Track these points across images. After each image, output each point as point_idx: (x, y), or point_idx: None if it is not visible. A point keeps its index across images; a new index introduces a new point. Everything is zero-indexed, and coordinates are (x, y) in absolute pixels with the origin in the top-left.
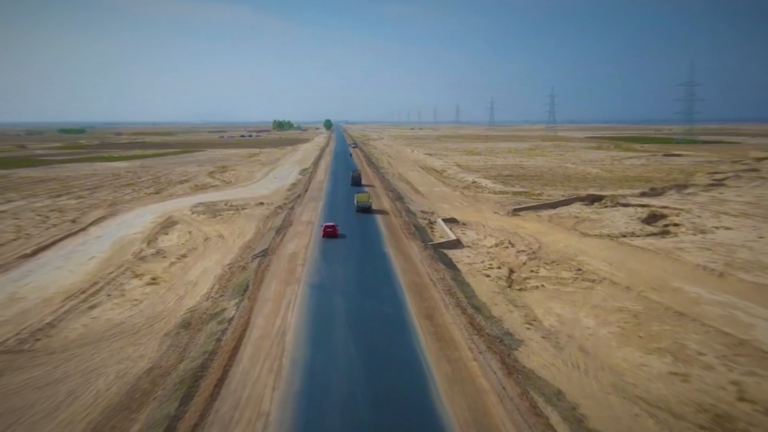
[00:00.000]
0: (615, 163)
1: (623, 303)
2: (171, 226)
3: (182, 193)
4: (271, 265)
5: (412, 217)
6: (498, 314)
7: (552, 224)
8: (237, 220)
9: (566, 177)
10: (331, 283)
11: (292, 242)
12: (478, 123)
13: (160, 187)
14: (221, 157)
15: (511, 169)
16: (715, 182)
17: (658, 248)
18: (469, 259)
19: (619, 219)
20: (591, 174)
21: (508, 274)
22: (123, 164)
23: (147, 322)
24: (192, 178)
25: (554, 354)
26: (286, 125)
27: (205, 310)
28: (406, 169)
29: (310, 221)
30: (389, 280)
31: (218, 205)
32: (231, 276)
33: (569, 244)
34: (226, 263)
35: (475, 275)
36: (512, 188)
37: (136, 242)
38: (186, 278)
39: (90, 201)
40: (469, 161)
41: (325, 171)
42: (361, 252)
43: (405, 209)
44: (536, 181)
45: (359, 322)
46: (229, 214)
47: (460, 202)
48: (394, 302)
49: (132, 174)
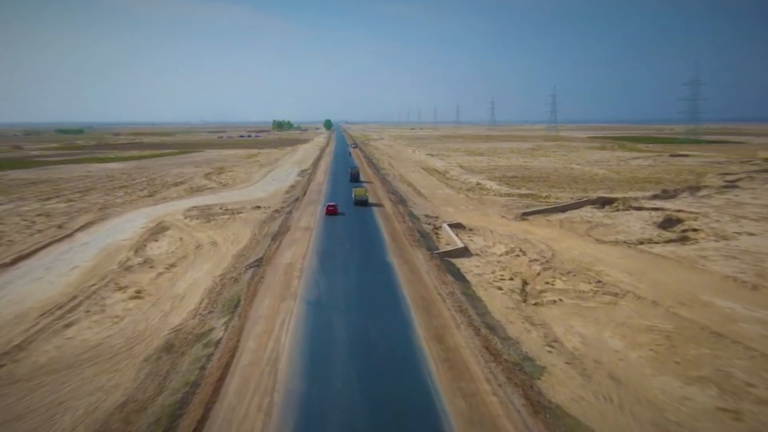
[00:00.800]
0: (621, 164)
1: (651, 321)
2: (162, 231)
3: (176, 196)
4: (266, 277)
5: (416, 222)
6: (515, 334)
7: (564, 230)
8: (232, 225)
9: (573, 178)
10: (329, 298)
11: (289, 250)
12: (478, 123)
13: (153, 189)
14: (219, 158)
15: (515, 170)
16: (728, 184)
17: (680, 257)
18: (479, 269)
19: (634, 224)
20: (598, 175)
21: (521, 287)
22: (118, 165)
23: (126, 344)
24: (188, 180)
25: (582, 384)
26: (286, 125)
27: (191, 329)
28: (408, 170)
29: (308, 227)
30: (394, 295)
31: (213, 209)
32: (222, 289)
33: (584, 251)
34: (218, 274)
35: (486, 288)
36: (518, 190)
37: (124, 250)
38: (173, 291)
39: (80, 204)
40: (471, 162)
41: (325, 172)
42: (362, 261)
43: (408, 213)
44: (542, 182)
45: (361, 346)
46: (224, 219)
47: (465, 206)
48: (399, 321)
49: (126, 176)
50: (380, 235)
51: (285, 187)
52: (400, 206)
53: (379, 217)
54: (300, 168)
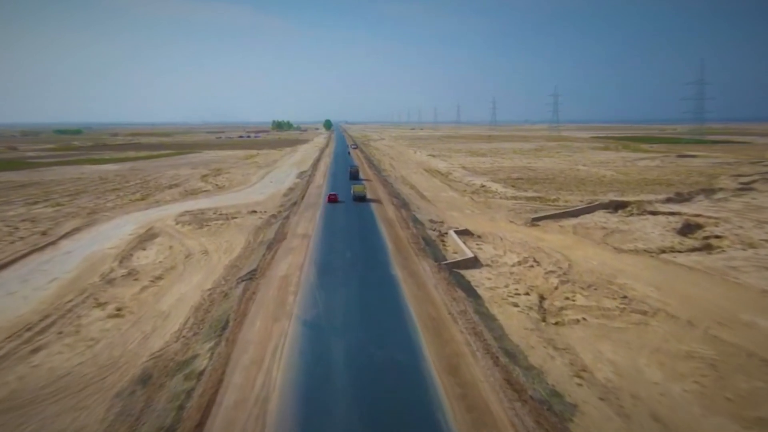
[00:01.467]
0: (628, 165)
1: (690, 345)
2: (151, 239)
3: (170, 200)
4: (258, 292)
5: (420, 228)
6: (538, 362)
7: (578, 236)
8: (225, 231)
9: (580, 180)
10: (328, 319)
11: (285, 261)
12: (478, 123)
13: (147, 192)
14: (217, 159)
15: (520, 172)
16: (743, 186)
17: (707, 267)
18: (491, 282)
19: (652, 230)
20: (606, 177)
21: (539, 303)
22: (113, 167)
23: (99, 373)
24: (183, 182)
25: (622, 427)
26: (286, 125)
27: (173, 355)
28: (410, 171)
29: (306, 234)
30: (400, 314)
31: (206, 214)
32: (210, 306)
33: (604, 261)
34: (207, 288)
35: (501, 304)
36: (525, 193)
37: (108, 260)
38: (157, 308)
39: (68, 209)
40: (474, 163)
41: (324, 174)
42: (364, 274)
43: (411, 218)
44: (549, 184)
45: (364, 382)
46: (218, 225)
47: (471, 209)
48: (407, 348)
49: (120, 178)
50: (383, 243)
51: (283, 190)
52: (403, 210)
53: (381, 223)
54: (299, 169)
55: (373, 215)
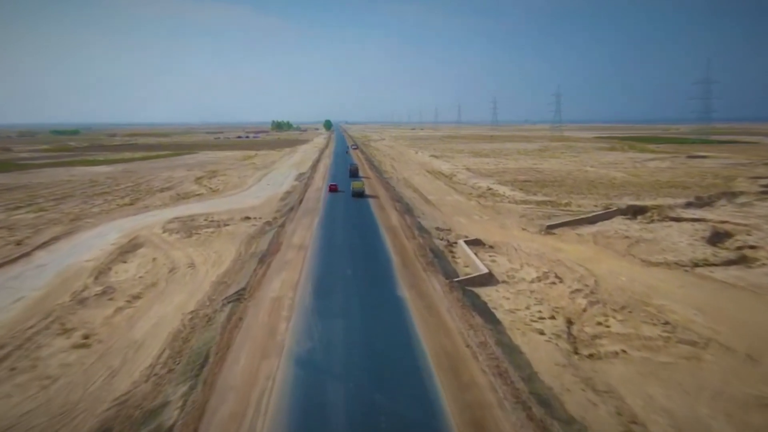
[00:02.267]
0: (638, 166)
1: (758, 388)
2: (133, 250)
3: (160, 204)
4: (246, 317)
5: (426, 238)
6: (578, 412)
7: (600, 247)
8: (215, 240)
9: (590, 183)
10: (325, 356)
11: (278, 278)
12: (479, 123)
13: (137, 196)
14: (213, 160)
15: (526, 174)
16: (766, 189)
17: (752, 285)
18: (510, 303)
19: (678, 239)
20: (617, 179)
21: (567, 329)
22: (105, 169)
23: (49, 426)
24: (176, 185)
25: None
26: (285, 126)
27: (140, 401)
28: (412, 173)
29: (303, 245)
30: (410, 349)
31: (197, 221)
32: (190, 334)
33: (633, 277)
34: (189, 310)
35: (525, 332)
36: (534, 197)
37: (84, 275)
38: (130, 336)
39: (51, 215)
40: (478, 164)
41: (323, 177)
42: (367, 295)
43: (416, 225)
44: (558, 187)
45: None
46: (208, 233)
47: (479, 215)
48: (421, 396)
49: (111, 180)
50: (387, 256)
51: (280, 194)
52: (407, 217)
53: (385, 231)
54: (297, 171)
55: (375, 222)
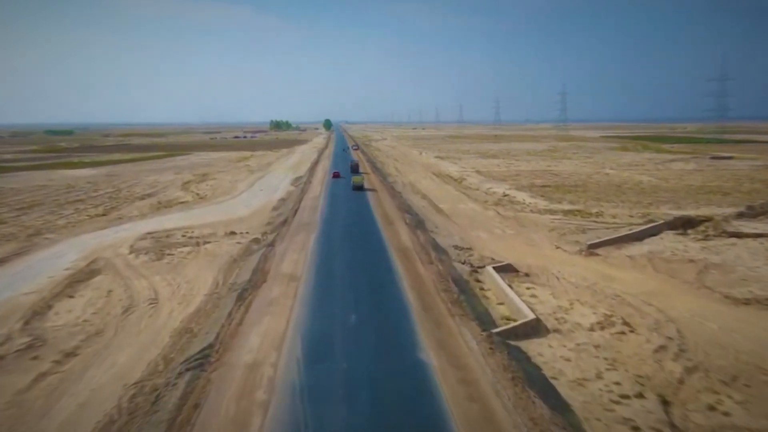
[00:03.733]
0: (661, 168)
1: None
2: (88, 278)
3: (137, 215)
4: (205, 403)
5: (445, 262)
6: None
7: (661, 274)
8: (190, 264)
9: (616, 188)
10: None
11: (258, 328)
12: (481, 122)
13: (113, 205)
14: (206, 162)
15: (542, 177)
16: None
17: None
18: (572, 368)
19: (752, 262)
20: (643, 183)
21: (666, 416)
22: (87, 172)
23: None
24: (160, 190)
25: None
26: (284, 125)
27: None
28: (418, 176)
29: (294, 275)
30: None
31: (173, 237)
32: (126, 425)
33: (726, 323)
34: (133, 380)
35: (609, 425)
36: (559, 205)
37: (14, 317)
38: (38, 428)
39: (7, 229)
40: (488, 166)
41: (322, 182)
42: (378, 361)
43: (431, 243)
44: (582, 193)
45: None
46: (183, 254)
47: (501, 228)
48: None
49: (90, 185)
50: (401, 294)
51: (273, 201)
52: (419, 232)
53: (395, 255)
54: (294, 175)
55: (382, 240)
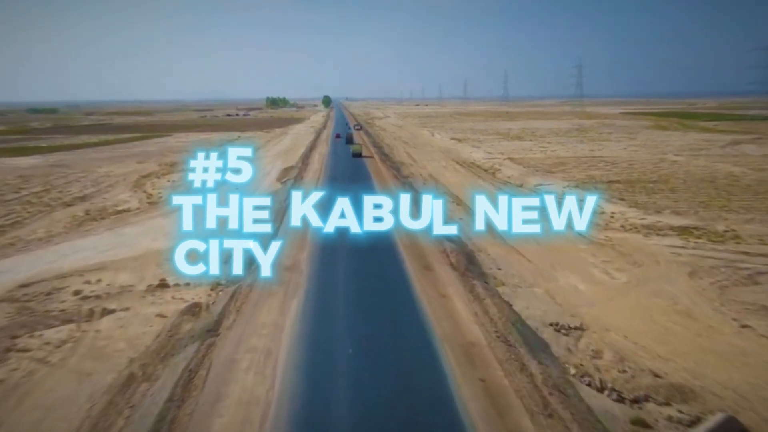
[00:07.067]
0: (735, 154)
1: None
2: None
3: (40, 237)
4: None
5: (548, 375)
6: None
7: None
8: (37, 390)
9: (709, 183)
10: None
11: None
12: (486, 98)
13: (18, 217)
14: (182, 147)
15: (596, 167)
16: None
17: None
18: None
19: None
20: (737, 176)
21: None
22: (30, 161)
23: None
24: (102, 190)
25: None
26: (281, 102)
27: None
28: (437, 165)
29: (248, 420)
30: None
31: (61, 294)
32: None
33: None
34: None
35: None
36: (659, 216)
37: None
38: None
39: None
40: (519, 151)
41: (319, 172)
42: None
43: (516, 326)
44: (671, 193)
45: None
46: (40, 355)
47: (601, 267)
48: None
49: (19, 181)
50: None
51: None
52: (479, 289)
53: (451, 357)
54: (284, 165)
55: (419, 314)
